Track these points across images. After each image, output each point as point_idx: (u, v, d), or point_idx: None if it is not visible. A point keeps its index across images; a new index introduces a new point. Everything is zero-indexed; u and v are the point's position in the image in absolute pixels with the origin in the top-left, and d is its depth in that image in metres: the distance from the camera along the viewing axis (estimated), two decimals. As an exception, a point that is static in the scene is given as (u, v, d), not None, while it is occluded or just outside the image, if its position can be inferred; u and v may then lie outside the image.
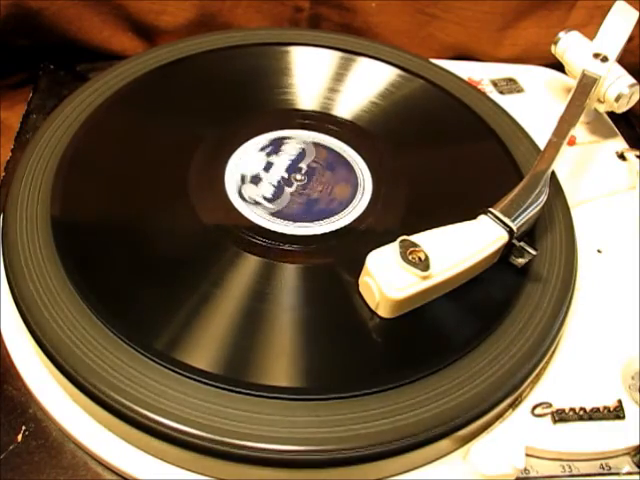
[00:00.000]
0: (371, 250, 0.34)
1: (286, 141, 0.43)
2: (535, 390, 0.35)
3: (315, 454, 0.29)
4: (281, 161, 0.42)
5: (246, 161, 0.41)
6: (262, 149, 0.42)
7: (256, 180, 0.40)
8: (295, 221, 0.38)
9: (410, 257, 0.33)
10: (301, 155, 0.42)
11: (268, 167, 0.41)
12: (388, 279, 0.32)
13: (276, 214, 0.39)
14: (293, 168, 0.41)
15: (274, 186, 0.40)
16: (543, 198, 0.37)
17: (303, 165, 0.42)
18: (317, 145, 0.43)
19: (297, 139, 0.43)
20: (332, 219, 0.39)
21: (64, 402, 0.32)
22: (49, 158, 0.39)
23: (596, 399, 0.34)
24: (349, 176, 0.42)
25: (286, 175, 0.41)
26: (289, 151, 0.42)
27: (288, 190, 0.40)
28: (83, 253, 0.35)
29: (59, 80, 0.50)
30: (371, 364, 0.33)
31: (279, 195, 0.40)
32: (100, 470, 0.31)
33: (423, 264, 0.32)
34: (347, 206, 0.40)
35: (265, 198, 0.39)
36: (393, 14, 0.56)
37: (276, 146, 0.43)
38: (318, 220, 0.39)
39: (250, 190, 0.40)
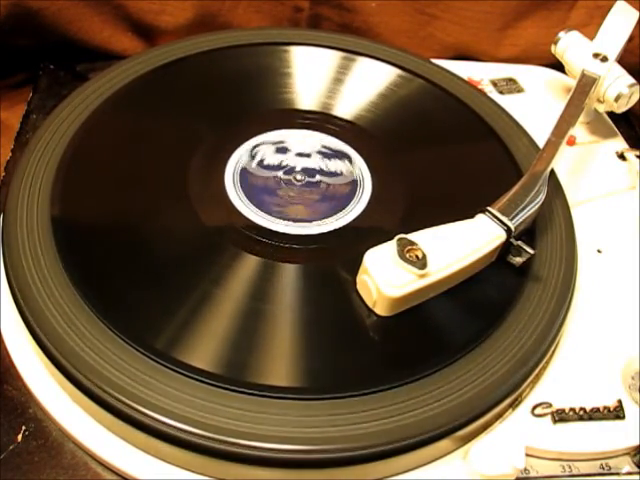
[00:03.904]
0: (370, 250, 0.34)
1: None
2: (535, 390, 0.35)
3: (315, 454, 0.29)
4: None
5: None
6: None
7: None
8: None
9: (407, 255, 0.33)
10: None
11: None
12: (385, 277, 0.32)
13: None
14: (293, 168, 0.41)
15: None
16: (541, 197, 0.37)
17: (303, 165, 0.42)
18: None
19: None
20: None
21: (64, 402, 0.32)
22: (49, 158, 0.39)
23: (596, 399, 0.34)
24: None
25: (286, 175, 0.41)
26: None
27: (288, 190, 0.40)
28: (83, 253, 0.35)
29: (59, 80, 0.50)
30: (371, 364, 0.33)
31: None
32: (100, 470, 0.31)
33: (420, 262, 0.33)
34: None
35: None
36: (393, 14, 0.56)
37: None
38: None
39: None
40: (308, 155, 0.43)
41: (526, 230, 0.37)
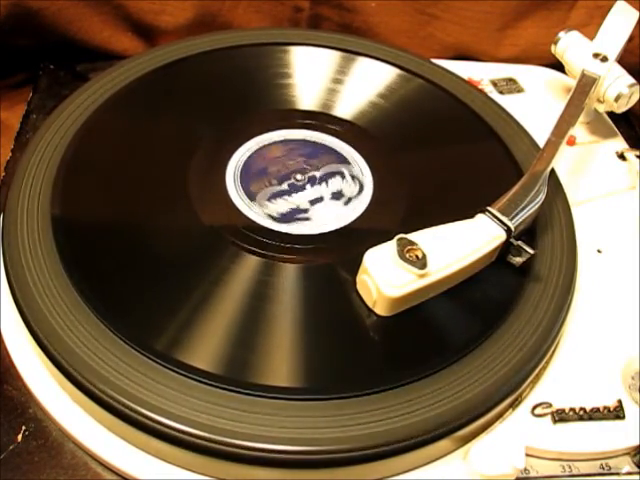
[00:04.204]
0: (371, 250, 0.34)
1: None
2: (535, 390, 0.35)
3: (315, 454, 0.29)
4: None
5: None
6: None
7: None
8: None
9: (407, 255, 0.33)
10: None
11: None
12: (385, 277, 0.32)
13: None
14: (293, 168, 0.42)
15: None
16: (541, 197, 0.37)
17: (303, 165, 0.42)
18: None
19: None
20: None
21: (64, 402, 0.32)
22: (49, 158, 0.39)
23: (596, 399, 0.34)
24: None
25: (286, 175, 0.41)
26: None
27: (288, 190, 0.40)
28: (83, 253, 0.35)
29: (59, 80, 0.50)
30: (371, 364, 0.33)
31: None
32: (100, 470, 0.31)
33: (420, 262, 0.33)
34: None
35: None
36: (393, 14, 0.56)
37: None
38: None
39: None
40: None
41: (526, 230, 0.37)
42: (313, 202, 0.40)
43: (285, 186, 0.40)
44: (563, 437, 0.33)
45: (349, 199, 0.40)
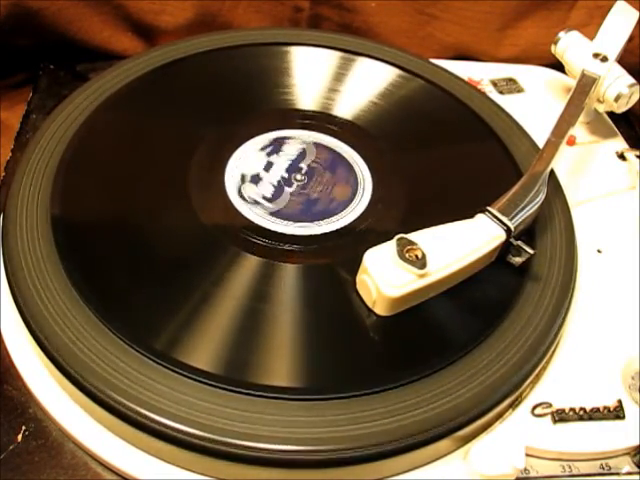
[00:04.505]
0: (371, 250, 0.34)
1: (287, 141, 0.43)
2: (535, 390, 0.35)
3: (315, 454, 0.29)
4: (281, 161, 0.42)
5: (246, 160, 0.41)
6: (262, 149, 0.42)
7: (256, 179, 0.40)
8: (295, 221, 0.38)
9: (407, 255, 0.33)
10: (301, 155, 0.42)
11: (268, 167, 0.41)
12: (385, 277, 0.32)
13: (275, 214, 0.39)
14: (293, 168, 0.41)
15: (274, 186, 0.40)
16: (541, 197, 0.37)
17: (303, 165, 0.42)
18: (317, 145, 0.43)
19: (297, 139, 0.43)
20: (332, 219, 0.39)
21: (64, 402, 0.32)
22: (49, 158, 0.39)
23: (596, 399, 0.34)
24: (349, 176, 0.42)
25: (286, 175, 0.41)
26: (289, 151, 0.42)
27: (288, 190, 0.40)
28: (83, 253, 0.35)
29: (59, 80, 0.50)
30: (371, 364, 0.33)
31: (279, 195, 0.40)
32: (100, 470, 0.31)
33: (420, 262, 0.33)
34: (347, 206, 0.40)
35: (265, 198, 0.39)
36: (393, 14, 0.56)
37: (277, 146, 0.43)
38: (318, 220, 0.39)
39: (250, 189, 0.40)
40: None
41: (526, 230, 0.37)
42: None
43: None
44: (563, 437, 0.33)
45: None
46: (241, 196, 0.39)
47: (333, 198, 0.40)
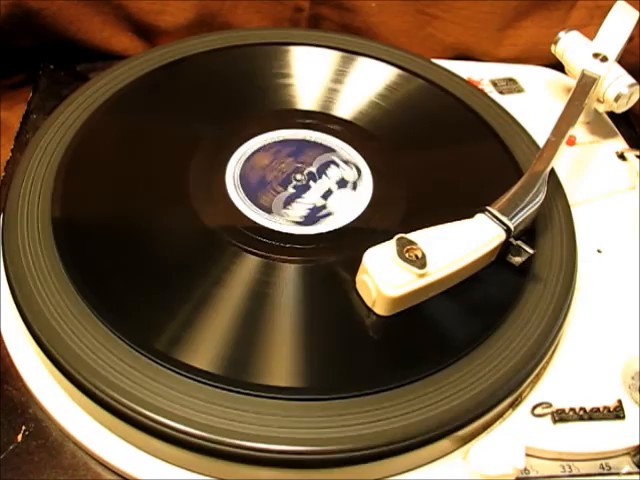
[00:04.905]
0: (371, 250, 0.34)
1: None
2: (535, 390, 0.35)
3: (315, 454, 0.29)
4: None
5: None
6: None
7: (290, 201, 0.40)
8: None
9: (407, 255, 0.33)
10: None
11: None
12: (385, 277, 0.32)
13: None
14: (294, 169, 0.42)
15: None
16: (541, 197, 0.37)
17: (302, 165, 0.42)
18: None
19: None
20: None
21: (64, 402, 0.32)
22: (49, 158, 0.39)
23: (596, 399, 0.34)
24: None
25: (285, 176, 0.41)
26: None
27: (291, 191, 0.40)
28: (84, 253, 0.35)
29: (59, 80, 0.50)
30: (371, 364, 0.33)
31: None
32: (100, 470, 0.31)
33: (420, 262, 0.33)
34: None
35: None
36: (393, 14, 0.56)
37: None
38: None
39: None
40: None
41: (526, 230, 0.37)
42: (325, 196, 0.40)
43: (291, 189, 0.40)
44: (563, 437, 0.33)
45: (354, 183, 0.41)
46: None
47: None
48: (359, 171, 0.42)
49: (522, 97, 0.52)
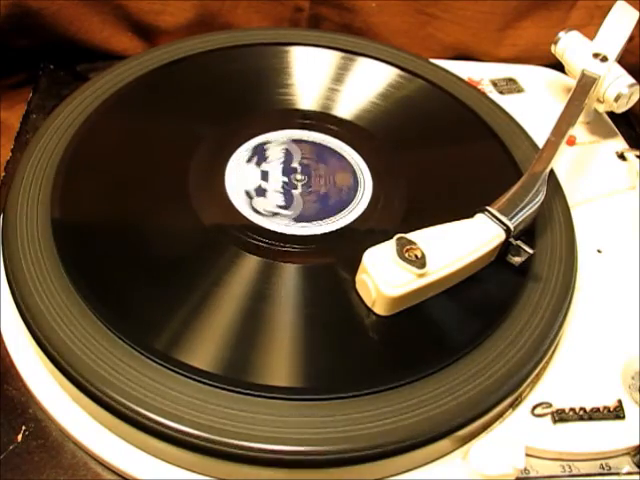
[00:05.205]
0: (371, 249, 0.34)
1: (266, 146, 0.43)
2: (535, 390, 0.35)
3: (315, 454, 0.29)
4: (273, 167, 0.41)
5: (240, 176, 0.41)
6: (249, 161, 0.41)
7: (261, 192, 0.40)
8: (295, 221, 0.38)
9: (407, 255, 0.33)
10: (288, 156, 0.42)
11: (265, 176, 0.41)
12: (384, 276, 0.32)
13: (298, 219, 0.39)
14: (288, 170, 0.41)
15: (281, 192, 0.40)
16: (541, 197, 0.37)
17: (295, 165, 0.42)
18: (297, 142, 0.43)
19: (275, 142, 0.43)
20: (332, 219, 0.39)
21: (64, 402, 0.32)
22: (49, 158, 0.39)
23: (596, 399, 0.34)
24: (349, 176, 0.42)
25: (286, 179, 0.41)
26: (275, 155, 0.42)
27: (296, 192, 0.40)
28: (83, 253, 0.35)
29: (59, 80, 0.50)
30: (371, 364, 0.33)
31: (291, 200, 0.40)
32: (100, 470, 0.31)
33: (419, 262, 0.33)
34: (347, 206, 0.40)
35: (280, 206, 0.39)
36: (393, 14, 0.56)
37: (260, 154, 0.42)
38: (318, 220, 0.39)
39: (262, 203, 0.39)
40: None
41: (526, 230, 0.37)
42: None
43: (300, 188, 0.40)
44: (563, 437, 0.33)
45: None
46: (256, 212, 0.39)
47: (340, 187, 0.40)
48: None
49: (522, 97, 0.52)
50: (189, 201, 0.39)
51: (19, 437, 0.32)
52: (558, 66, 0.51)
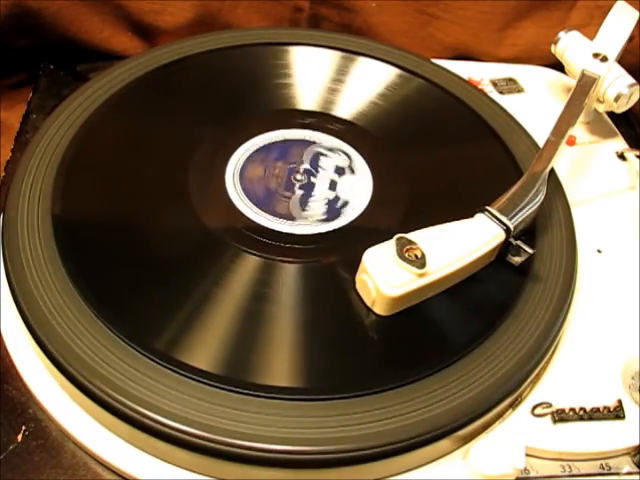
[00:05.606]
0: (370, 249, 0.34)
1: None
2: (535, 390, 0.35)
3: (315, 454, 0.29)
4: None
5: None
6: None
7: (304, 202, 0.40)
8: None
9: (406, 254, 0.33)
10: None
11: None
12: (384, 276, 0.32)
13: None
14: (289, 170, 0.42)
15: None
16: (541, 197, 0.37)
17: (296, 165, 0.42)
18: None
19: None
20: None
21: (64, 402, 0.32)
22: (49, 158, 0.39)
23: (596, 399, 0.34)
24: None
25: (286, 179, 0.41)
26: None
27: (296, 192, 0.40)
28: (84, 253, 0.35)
29: (59, 80, 0.50)
30: (371, 364, 0.33)
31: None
32: (100, 470, 0.31)
33: (419, 262, 0.33)
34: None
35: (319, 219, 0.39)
36: (393, 14, 0.56)
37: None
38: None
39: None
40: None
41: (526, 230, 0.37)
42: (332, 188, 0.41)
43: (299, 191, 0.40)
44: (563, 437, 0.33)
45: (350, 167, 0.41)
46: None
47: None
48: (348, 155, 0.42)
49: (522, 97, 0.52)
50: (189, 201, 0.39)
51: (19, 437, 0.32)
52: (558, 66, 0.51)
